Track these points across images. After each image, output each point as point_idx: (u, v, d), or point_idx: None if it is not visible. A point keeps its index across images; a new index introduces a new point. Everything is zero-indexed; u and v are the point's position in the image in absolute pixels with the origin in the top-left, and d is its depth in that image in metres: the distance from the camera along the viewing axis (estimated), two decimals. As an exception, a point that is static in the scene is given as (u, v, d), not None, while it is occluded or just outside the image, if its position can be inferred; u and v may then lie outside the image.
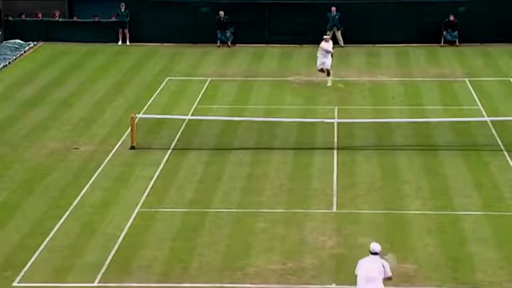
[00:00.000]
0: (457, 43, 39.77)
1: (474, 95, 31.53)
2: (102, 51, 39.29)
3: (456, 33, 39.77)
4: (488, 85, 33.05)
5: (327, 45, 32.58)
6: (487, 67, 35.91)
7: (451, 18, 39.68)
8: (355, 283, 15.72)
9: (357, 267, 15.80)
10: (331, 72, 32.63)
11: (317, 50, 32.80)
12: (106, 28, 41.12)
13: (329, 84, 32.37)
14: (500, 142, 25.97)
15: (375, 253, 15.71)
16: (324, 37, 33.57)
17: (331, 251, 18.94)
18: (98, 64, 37.04)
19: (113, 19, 41.27)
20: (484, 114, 29.00)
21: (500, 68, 35.77)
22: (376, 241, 15.99)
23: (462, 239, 19.58)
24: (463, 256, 18.67)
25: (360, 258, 18.30)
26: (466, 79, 33.68)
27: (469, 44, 39.44)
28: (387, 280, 15.64)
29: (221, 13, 39.94)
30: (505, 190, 22.42)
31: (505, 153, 25.10)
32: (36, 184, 23.09)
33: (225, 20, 39.85)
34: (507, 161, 24.48)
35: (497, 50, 38.57)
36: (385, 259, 15.82)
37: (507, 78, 33.86)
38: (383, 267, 15.62)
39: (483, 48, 38.91)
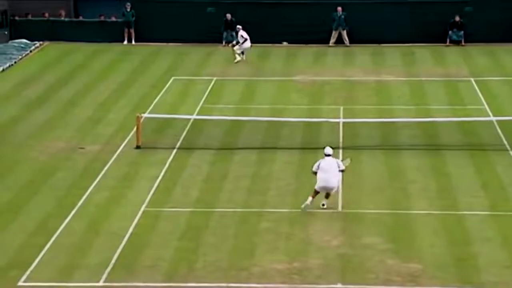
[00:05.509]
0: (463, 43, 39.72)
1: (480, 94, 31.49)
2: (108, 51, 39.32)
3: (461, 32, 39.72)
4: (493, 85, 33.01)
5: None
6: (493, 67, 35.86)
7: (457, 18, 39.63)
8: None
9: (316, 165, 20.92)
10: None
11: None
12: (112, 28, 41.16)
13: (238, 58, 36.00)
14: (505, 142, 25.93)
15: (329, 155, 20.99)
16: (238, 26, 36.54)
17: (337, 251, 18.92)
18: (103, 64, 37.07)
19: (113, 18, 41.26)
20: (490, 113, 28.95)
21: (506, 68, 35.71)
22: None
23: (468, 239, 19.55)
24: (468, 256, 18.64)
25: (365, 257, 18.37)
26: (472, 79, 33.64)
27: (475, 44, 39.38)
28: (341, 172, 21.07)
29: (228, 15, 40.00)
30: (511, 190, 22.37)
31: (511, 153, 25.06)
32: (41, 184, 23.11)
33: (232, 22, 39.87)
34: (513, 161, 24.46)
35: (503, 50, 38.51)
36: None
37: (513, 78, 33.85)
38: (337, 163, 21.08)
39: (489, 48, 38.84)
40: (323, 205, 20.99)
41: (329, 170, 20.79)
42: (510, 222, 20.45)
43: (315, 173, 20.94)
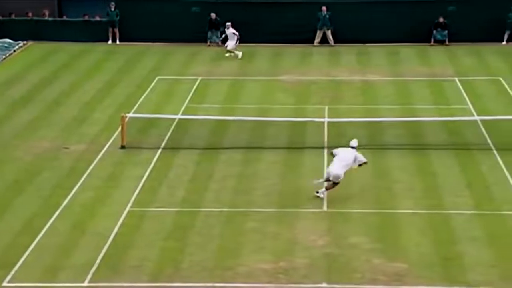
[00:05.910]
0: (447, 43, 39.83)
1: (464, 94, 31.58)
2: (92, 51, 39.20)
3: (446, 32, 39.83)
4: (477, 84, 33.11)
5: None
6: (477, 66, 35.97)
7: (441, 19, 39.72)
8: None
9: (336, 151, 21.79)
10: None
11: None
12: (96, 27, 41.03)
13: (239, 56, 37.11)
14: (490, 141, 26.02)
15: (352, 147, 21.76)
16: (228, 24, 37.44)
17: (322, 250, 18.93)
18: (88, 64, 36.95)
19: (98, 18, 41.14)
20: (474, 113, 29.04)
21: (490, 67, 35.83)
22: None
23: (453, 238, 19.60)
24: (454, 255, 18.69)
25: (351, 257, 18.38)
26: (456, 79, 33.74)
27: (459, 44, 39.50)
28: (364, 164, 21.91)
29: (213, 14, 39.95)
30: (495, 189, 22.46)
31: (495, 152, 25.15)
32: (26, 184, 23.01)
33: (216, 21, 39.82)
34: (497, 160, 24.51)
35: (487, 49, 38.64)
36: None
37: (497, 77, 33.92)
38: (356, 157, 21.68)
39: (473, 48, 38.95)
40: (317, 192, 21.56)
41: (341, 159, 21.49)
42: (495, 221, 20.52)
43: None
